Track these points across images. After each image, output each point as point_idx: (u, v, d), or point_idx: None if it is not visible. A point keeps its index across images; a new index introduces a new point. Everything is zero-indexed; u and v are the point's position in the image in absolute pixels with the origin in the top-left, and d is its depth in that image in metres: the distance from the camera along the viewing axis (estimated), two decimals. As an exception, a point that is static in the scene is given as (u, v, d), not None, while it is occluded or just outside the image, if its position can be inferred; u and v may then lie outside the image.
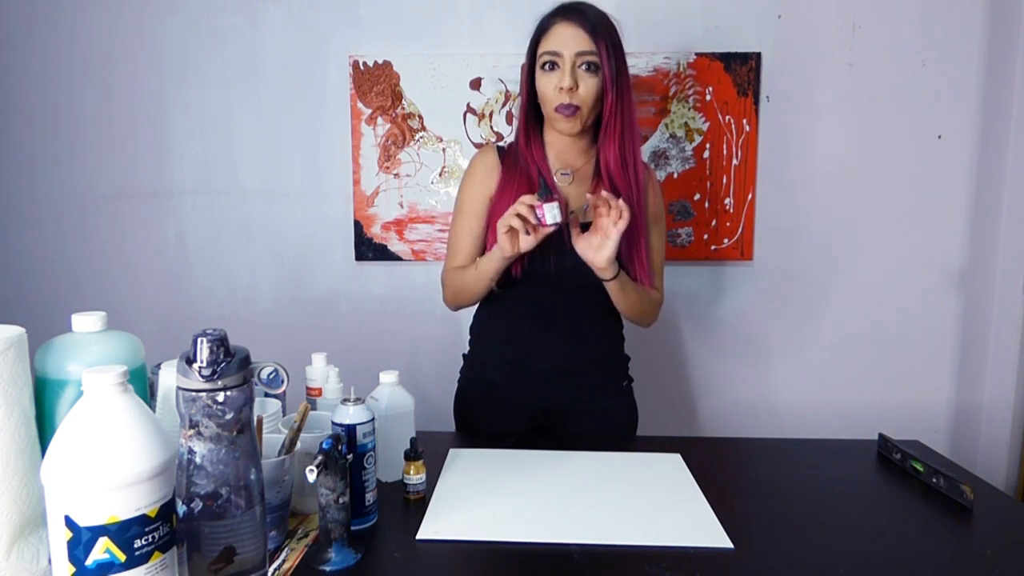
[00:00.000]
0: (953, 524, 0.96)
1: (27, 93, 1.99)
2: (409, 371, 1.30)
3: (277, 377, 0.75)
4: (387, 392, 1.06)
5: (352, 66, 1.93)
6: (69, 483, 0.61)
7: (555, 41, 1.20)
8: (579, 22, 1.19)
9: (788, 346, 2.01)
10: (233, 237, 2.02)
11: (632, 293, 1.25)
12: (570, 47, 1.19)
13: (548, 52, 1.20)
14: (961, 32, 1.88)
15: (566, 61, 1.18)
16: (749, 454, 1.25)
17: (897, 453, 1.15)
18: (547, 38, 1.21)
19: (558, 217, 1.10)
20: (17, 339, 0.72)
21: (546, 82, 1.21)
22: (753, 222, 1.95)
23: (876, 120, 1.92)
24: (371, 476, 0.92)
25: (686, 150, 1.93)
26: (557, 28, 1.20)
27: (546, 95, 1.22)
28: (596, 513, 0.95)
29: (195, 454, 0.67)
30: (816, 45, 1.90)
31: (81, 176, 2.01)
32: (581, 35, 1.19)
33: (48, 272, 2.04)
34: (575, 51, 1.18)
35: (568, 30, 1.19)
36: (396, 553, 0.86)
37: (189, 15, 1.94)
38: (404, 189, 1.97)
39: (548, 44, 1.21)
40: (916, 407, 2.00)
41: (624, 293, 1.24)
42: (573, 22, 1.19)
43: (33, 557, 0.73)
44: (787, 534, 0.92)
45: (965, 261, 1.96)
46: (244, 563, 0.70)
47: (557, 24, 1.21)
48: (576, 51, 1.18)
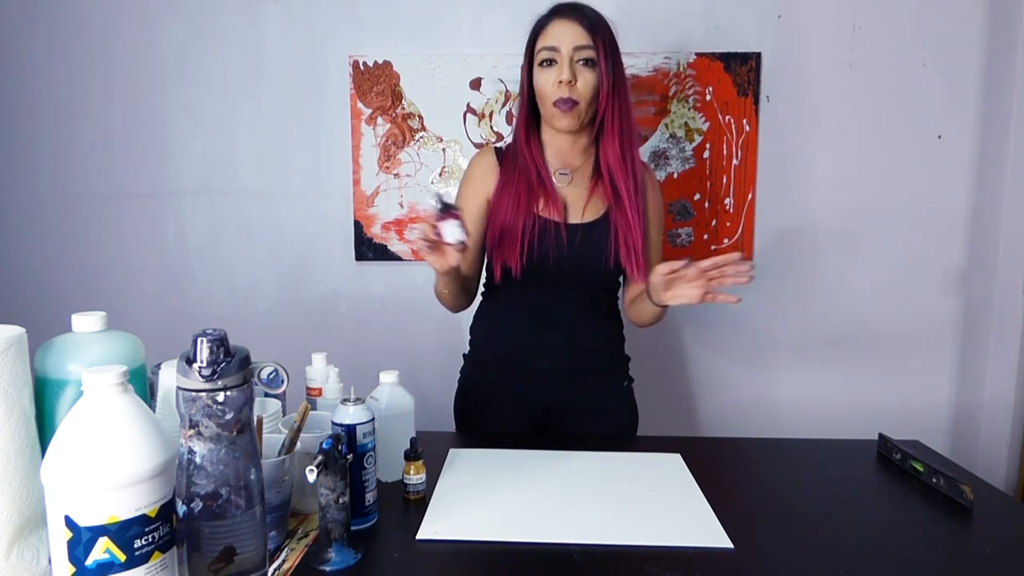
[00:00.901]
0: (953, 524, 0.96)
1: (27, 93, 1.98)
2: (409, 371, 1.30)
3: (277, 377, 0.75)
4: (387, 392, 1.06)
5: (352, 66, 1.93)
6: (69, 483, 0.61)
7: (552, 37, 1.21)
8: (576, 19, 1.21)
9: (788, 346, 2.01)
10: (233, 237, 2.02)
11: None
12: (567, 42, 1.20)
13: (546, 48, 1.21)
14: (961, 32, 1.88)
15: (564, 56, 1.20)
16: (749, 454, 1.25)
17: (897, 453, 1.15)
18: (544, 35, 1.23)
19: (459, 235, 1.02)
20: (17, 339, 0.72)
21: (544, 78, 1.22)
22: (753, 222, 1.95)
23: (876, 120, 1.92)
24: (371, 476, 0.92)
25: (686, 150, 1.93)
26: (554, 25, 1.22)
27: (544, 91, 1.23)
28: (596, 513, 0.95)
29: (195, 454, 0.67)
30: (816, 45, 1.90)
31: (81, 176, 2.01)
32: (579, 30, 1.20)
33: (48, 272, 2.04)
34: (573, 45, 1.20)
35: (566, 26, 1.21)
36: (396, 553, 0.86)
37: (189, 15, 1.94)
38: (404, 189, 1.97)
39: (546, 40, 1.22)
40: (916, 407, 2.00)
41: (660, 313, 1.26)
42: (570, 19, 1.21)
43: (33, 557, 0.73)
44: (787, 534, 0.92)
45: (965, 261, 1.96)
46: (244, 563, 0.70)
47: (554, 21, 1.22)
48: (574, 45, 1.20)
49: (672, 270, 1.12)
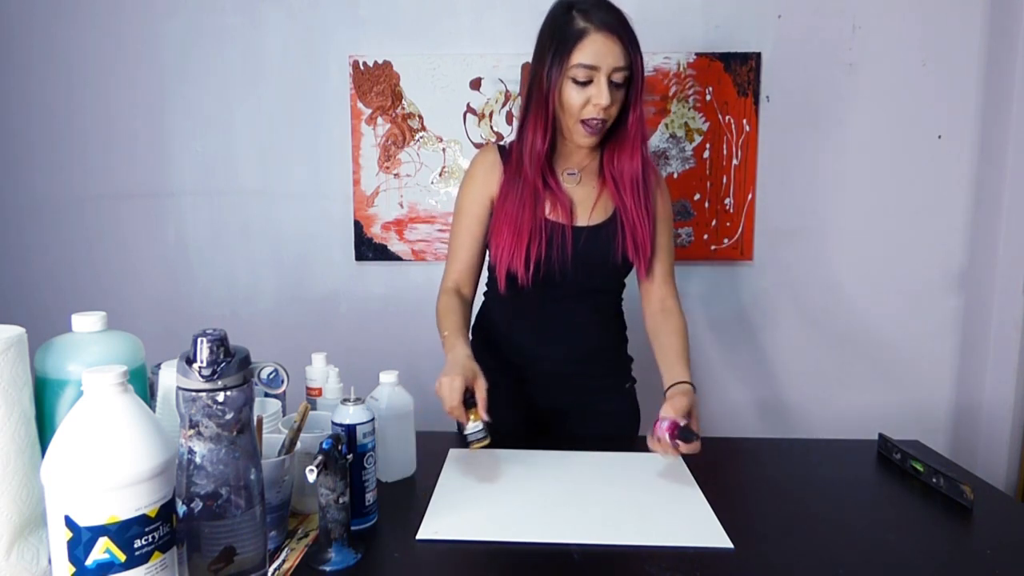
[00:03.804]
0: (953, 524, 0.96)
1: (27, 93, 1.99)
2: (409, 371, 1.30)
3: (277, 377, 0.75)
4: (387, 392, 1.06)
5: (352, 66, 1.93)
6: (69, 483, 0.61)
7: (592, 54, 1.13)
8: (617, 37, 1.13)
9: (788, 346, 2.01)
10: (233, 237, 2.02)
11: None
12: (608, 63, 1.13)
13: (584, 65, 1.13)
14: (961, 32, 1.88)
15: (602, 76, 1.13)
16: (749, 454, 1.25)
17: (897, 453, 1.15)
18: (582, 49, 1.13)
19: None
20: (17, 339, 0.72)
21: (578, 96, 1.15)
22: (753, 222, 1.95)
23: (876, 120, 1.92)
24: (371, 476, 0.92)
25: (686, 150, 1.93)
26: (594, 39, 1.12)
27: (574, 107, 1.16)
28: (596, 513, 0.95)
29: (195, 454, 0.67)
30: (816, 45, 1.90)
31: (81, 176, 2.01)
32: (619, 51, 1.13)
33: (48, 272, 2.04)
34: (613, 67, 1.13)
35: (607, 45, 1.12)
36: (396, 553, 0.86)
37: (189, 15, 1.94)
38: (404, 189, 1.97)
39: (584, 56, 1.13)
40: (916, 407, 2.00)
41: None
42: (611, 36, 1.12)
43: (33, 557, 0.73)
44: (787, 534, 0.92)
45: (965, 261, 1.96)
46: (244, 563, 0.70)
47: (594, 35, 1.12)
48: (614, 67, 1.13)
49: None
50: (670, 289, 1.32)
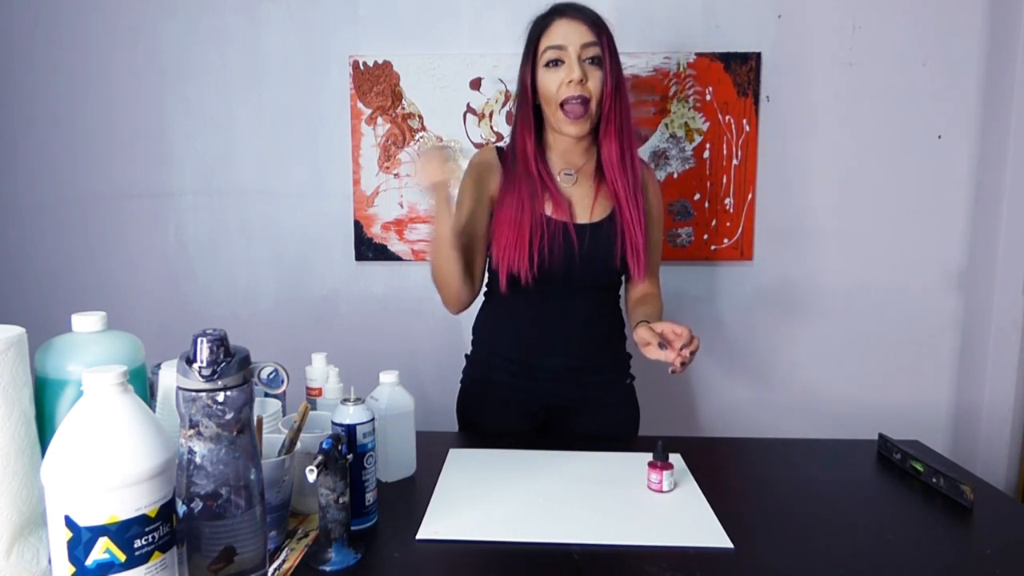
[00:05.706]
0: (953, 524, 0.96)
1: (27, 93, 1.98)
2: (409, 371, 1.30)
3: (277, 377, 0.75)
4: (387, 392, 1.06)
5: (352, 66, 1.93)
6: (69, 483, 0.61)
7: (558, 35, 1.20)
8: (580, 17, 1.20)
9: (788, 346, 2.01)
10: (233, 237, 2.02)
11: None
12: (574, 40, 1.19)
13: (553, 47, 1.20)
14: (961, 32, 1.88)
15: (571, 55, 1.18)
16: (749, 454, 1.25)
17: (897, 453, 1.15)
18: (548, 34, 1.21)
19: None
20: (17, 339, 0.72)
21: (552, 78, 1.20)
22: (753, 222, 1.95)
23: (876, 120, 1.92)
24: (371, 476, 0.92)
25: (686, 150, 1.93)
26: (558, 24, 1.20)
27: (551, 92, 1.21)
28: (596, 513, 0.95)
29: (195, 454, 0.67)
30: (816, 45, 1.90)
31: (81, 176, 2.01)
32: (584, 29, 1.19)
33: (48, 272, 2.04)
34: (580, 44, 1.18)
35: (571, 25, 1.19)
36: (396, 553, 0.86)
37: (189, 15, 1.94)
38: (404, 189, 1.97)
39: (550, 39, 1.20)
40: (916, 407, 2.00)
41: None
42: (574, 18, 1.20)
43: (33, 557, 0.73)
44: (787, 534, 0.92)
45: (965, 261, 1.96)
46: (244, 563, 0.70)
47: (557, 20, 1.21)
48: (581, 43, 1.18)
49: (647, 343, 1.10)
50: (654, 282, 1.36)
